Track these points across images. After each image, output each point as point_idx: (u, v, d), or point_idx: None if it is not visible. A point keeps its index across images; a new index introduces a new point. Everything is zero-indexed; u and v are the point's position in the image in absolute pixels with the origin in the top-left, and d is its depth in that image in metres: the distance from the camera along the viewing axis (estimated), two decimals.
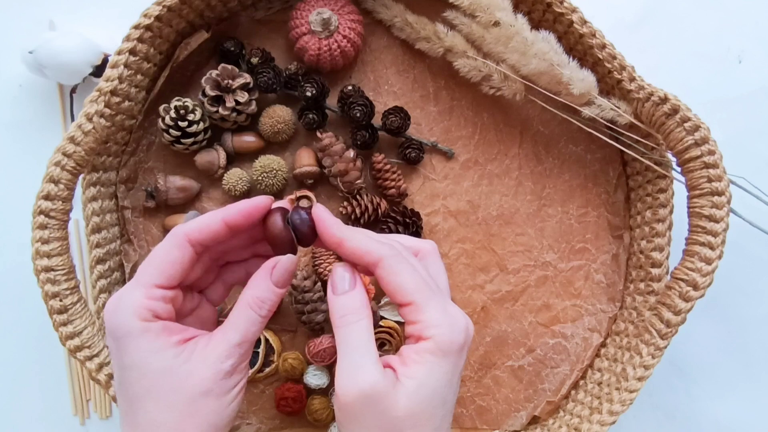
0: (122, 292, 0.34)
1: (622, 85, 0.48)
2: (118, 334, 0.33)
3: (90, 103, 0.46)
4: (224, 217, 0.35)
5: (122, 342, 0.33)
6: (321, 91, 0.51)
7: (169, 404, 0.33)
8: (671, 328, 0.47)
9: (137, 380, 0.33)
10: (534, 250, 0.56)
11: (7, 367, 0.59)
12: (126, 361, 0.33)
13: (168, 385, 0.33)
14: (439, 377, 0.33)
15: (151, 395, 0.33)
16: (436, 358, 0.33)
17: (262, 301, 0.35)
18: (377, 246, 0.35)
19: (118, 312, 0.33)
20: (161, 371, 0.33)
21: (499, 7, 0.49)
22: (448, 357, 0.33)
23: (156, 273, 0.34)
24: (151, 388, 0.33)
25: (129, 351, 0.33)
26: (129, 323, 0.33)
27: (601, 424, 0.49)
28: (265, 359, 0.53)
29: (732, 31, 0.60)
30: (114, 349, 0.34)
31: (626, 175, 0.56)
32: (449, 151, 0.55)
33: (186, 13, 0.50)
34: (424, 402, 0.33)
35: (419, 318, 0.34)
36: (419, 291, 0.34)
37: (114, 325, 0.33)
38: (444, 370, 0.33)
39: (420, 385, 0.33)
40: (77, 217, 0.52)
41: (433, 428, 0.33)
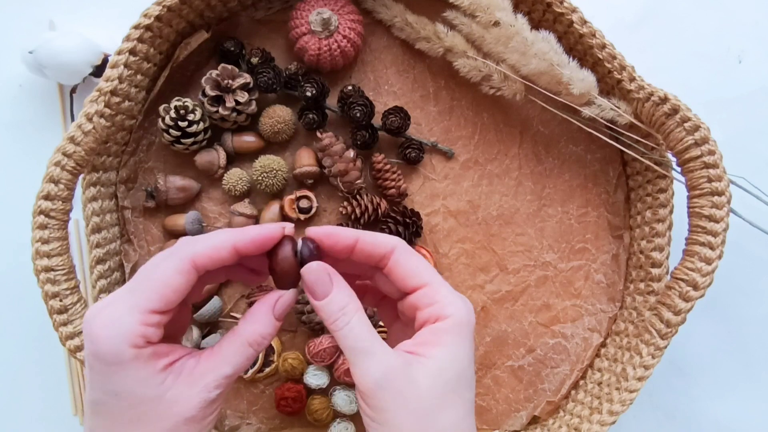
0: (115, 312, 0.31)
1: (622, 85, 0.48)
2: (109, 359, 0.31)
3: (90, 103, 0.46)
4: (235, 243, 0.33)
5: (111, 368, 0.31)
6: (321, 91, 0.51)
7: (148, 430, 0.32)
8: (671, 328, 0.47)
9: (124, 408, 0.32)
10: (534, 250, 0.56)
11: (7, 367, 0.59)
12: (113, 387, 0.32)
13: (153, 412, 0.32)
14: (462, 356, 0.33)
15: (134, 423, 0.32)
16: (455, 337, 0.33)
17: (263, 337, 0.34)
18: (389, 237, 0.35)
19: (111, 337, 0.31)
20: (148, 399, 0.32)
21: (499, 7, 0.49)
22: (466, 335, 0.34)
23: (156, 298, 0.32)
24: (137, 415, 0.32)
25: (117, 378, 0.31)
26: (122, 350, 0.31)
27: (601, 424, 0.49)
28: (265, 359, 0.53)
29: (732, 31, 0.60)
30: (98, 373, 0.32)
31: (626, 175, 0.56)
32: (449, 151, 0.55)
33: (186, 13, 0.50)
34: (450, 383, 0.33)
35: (436, 298, 0.34)
36: (433, 273, 0.35)
37: (105, 349, 0.31)
38: (464, 349, 0.34)
39: (442, 365, 0.33)
40: (77, 217, 0.52)
41: (465, 411, 0.33)
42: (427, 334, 0.34)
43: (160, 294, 0.32)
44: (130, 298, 0.32)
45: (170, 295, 0.32)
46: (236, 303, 0.54)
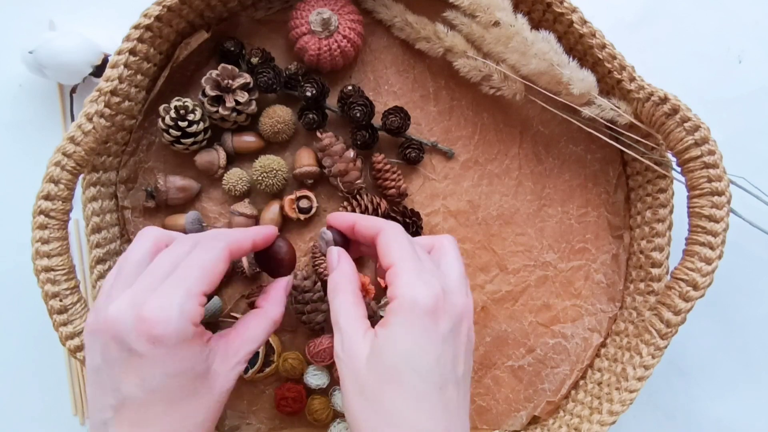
0: (170, 296, 0.34)
1: (622, 85, 0.48)
2: (173, 340, 0.33)
3: (90, 103, 0.46)
4: (254, 238, 0.40)
5: (175, 349, 0.33)
6: (321, 91, 0.51)
7: (205, 404, 0.36)
8: (671, 328, 0.47)
9: (182, 385, 0.35)
10: (534, 250, 0.56)
11: (7, 367, 0.59)
12: (175, 368, 0.34)
13: (203, 387, 0.36)
14: (404, 338, 0.34)
15: (188, 399, 0.35)
16: (401, 318, 0.35)
17: (281, 315, 0.42)
18: (381, 221, 0.40)
19: (174, 318, 0.33)
20: (202, 374, 0.36)
21: (499, 7, 0.49)
22: (413, 318, 0.34)
23: (207, 281, 0.35)
24: (192, 391, 0.35)
25: (180, 357, 0.34)
26: (187, 329, 0.34)
27: (601, 424, 0.49)
28: (265, 359, 0.53)
29: (732, 31, 0.60)
30: (157, 358, 0.33)
31: (626, 175, 0.56)
32: (449, 151, 0.55)
33: (186, 13, 0.50)
34: (387, 362, 0.34)
35: (394, 280, 0.36)
36: (403, 258, 0.37)
37: (170, 331, 0.33)
38: (408, 332, 0.34)
39: (383, 344, 0.35)
40: (77, 217, 0.52)
41: (411, 398, 0.34)
42: (386, 313, 0.36)
43: (209, 278, 0.36)
44: (179, 283, 0.34)
45: (215, 279, 0.36)
46: (236, 303, 0.54)
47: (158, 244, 0.38)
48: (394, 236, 0.38)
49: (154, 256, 0.37)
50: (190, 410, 0.36)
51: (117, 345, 0.34)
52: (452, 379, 0.35)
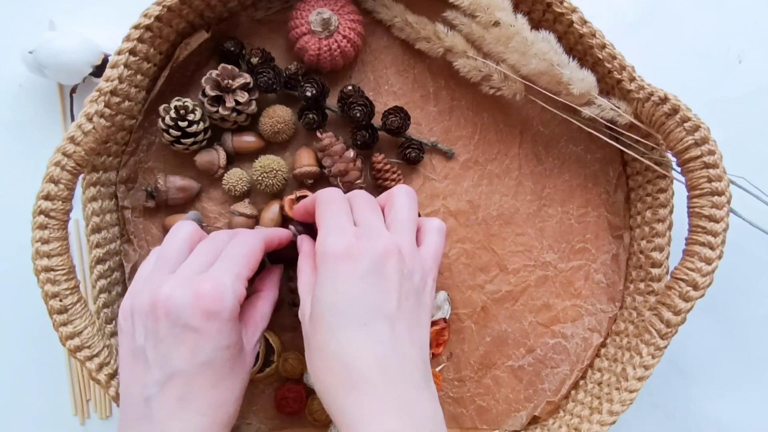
0: (222, 278, 0.38)
1: (622, 85, 0.48)
2: (226, 316, 0.37)
3: (90, 103, 0.46)
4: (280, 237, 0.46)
5: (228, 324, 0.37)
6: (321, 91, 0.51)
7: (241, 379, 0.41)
8: (671, 328, 0.47)
9: (231, 357, 0.39)
10: (534, 250, 0.56)
11: (7, 367, 0.59)
12: (226, 341, 0.38)
13: (241, 361, 0.40)
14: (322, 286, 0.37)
15: (234, 370, 0.39)
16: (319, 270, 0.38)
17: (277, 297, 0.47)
18: (316, 193, 0.43)
19: (229, 296, 0.37)
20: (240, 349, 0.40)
21: (499, 7, 0.49)
22: (326, 266, 0.37)
23: (251, 267, 0.40)
24: (236, 363, 0.40)
25: (231, 331, 0.38)
26: (236, 307, 0.38)
27: (601, 424, 0.49)
28: (265, 359, 0.53)
29: (732, 31, 0.60)
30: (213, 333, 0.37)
31: (626, 175, 0.56)
32: (449, 151, 0.55)
33: (186, 13, 0.50)
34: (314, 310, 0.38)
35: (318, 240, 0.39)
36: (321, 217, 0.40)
37: (227, 306, 0.37)
38: (324, 279, 0.37)
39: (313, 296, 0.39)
40: (77, 217, 0.52)
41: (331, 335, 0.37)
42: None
43: (252, 264, 0.41)
44: (228, 266, 0.39)
45: (255, 265, 0.41)
46: None
47: (194, 237, 0.43)
48: (321, 200, 0.42)
49: (191, 246, 0.42)
50: (230, 384, 0.39)
51: (170, 322, 0.37)
52: (381, 314, 0.37)
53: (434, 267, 0.42)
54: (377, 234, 0.38)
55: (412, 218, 0.42)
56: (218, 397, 0.38)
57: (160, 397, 0.37)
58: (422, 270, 0.40)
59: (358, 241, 0.38)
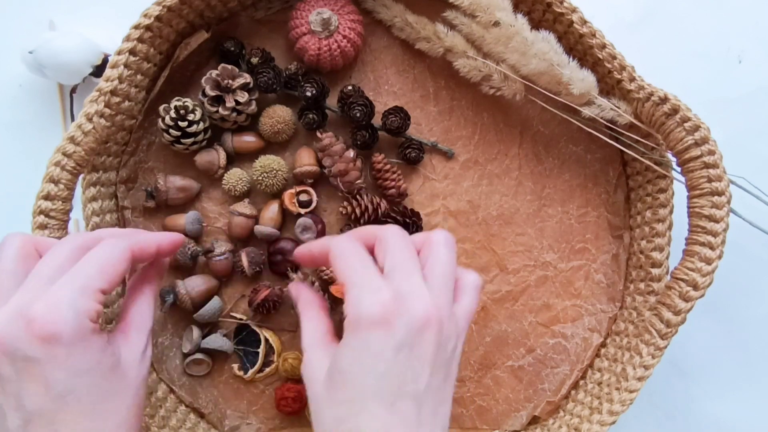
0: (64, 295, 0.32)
1: (622, 85, 0.48)
2: (72, 338, 0.32)
3: (90, 103, 0.46)
4: (159, 243, 0.40)
5: (76, 347, 0.32)
6: (321, 91, 0.51)
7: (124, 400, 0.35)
8: (671, 328, 0.47)
9: (94, 385, 0.33)
10: (534, 250, 0.56)
11: None
12: (81, 366, 0.32)
13: (119, 383, 0.35)
14: (349, 354, 0.33)
15: (107, 399, 0.34)
16: (348, 334, 0.34)
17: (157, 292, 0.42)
18: (326, 240, 0.39)
19: (71, 316, 0.32)
20: (112, 368, 0.35)
21: (499, 7, 0.49)
22: (358, 332, 0.33)
23: (106, 279, 0.34)
24: (107, 390, 0.34)
25: (84, 354, 0.33)
26: (85, 325, 0.32)
27: (601, 424, 0.49)
28: (265, 359, 0.53)
29: (732, 31, 0.60)
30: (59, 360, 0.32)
31: (626, 175, 0.56)
32: (449, 151, 0.55)
33: (186, 13, 0.50)
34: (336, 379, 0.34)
35: (345, 297, 0.35)
36: (349, 273, 0.35)
37: (68, 329, 0.31)
38: (354, 347, 0.33)
39: (335, 360, 0.34)
40: (77, 217, 0.52)
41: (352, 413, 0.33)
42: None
43: (108, 275, 0.34)
44: (72, 280, 0.33)
45: (115, 277, 0.35)
46: (236, 303, 0.54)
47: (26, 252, 0.36)
48: (339, 253, 0.37)
49: (26, 265, 0.35)
50: (109, 409, 0.34)
51: (8, 358, 0.31)
52: (409, 393, 0.33)
53: (467, 328, 0.38)
54: (417, 295, 0.33)
55: (453, 273, 0.37)
56: (97, 426, 0.33)
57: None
58: (456, 335, 0.36)
59: (395, 303, 0.33)
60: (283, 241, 0.53)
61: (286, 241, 0.53)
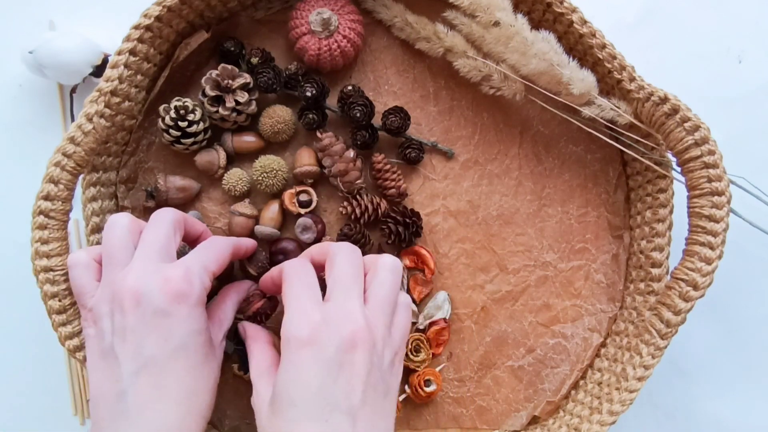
0: (191, 267, 0.38)
1: (622, 85, 0.48)
2: (195, 301, 0.37)
3: (90, 103, 0.46)
4: (248, 248, 0.49)
5: (197, 309, 0.38)
6: (321, 91, 0.51)
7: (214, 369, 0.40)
8: (671, 328, 0.47)
9: (203, 343, 0.39)
10: (534, 250, 0.56)
11: (7, 367, 0.59)
12: (197, 326, 0.38)
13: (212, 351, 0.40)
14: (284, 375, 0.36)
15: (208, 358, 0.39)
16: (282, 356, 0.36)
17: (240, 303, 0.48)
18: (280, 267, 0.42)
19: (197, 283, 0.38)
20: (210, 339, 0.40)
21: (499, 7, 0.49)
22: (289, 353, 0.36)
23: (217, 264, 0.41)
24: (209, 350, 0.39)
25: (198, 316, 0.38)
26: (202, 293, 0.39)
27: (601, 424, 0.49)
28: None
29: (732, 31, 0.60)
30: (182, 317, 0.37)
31: (626, 175, 0.56)
32: (449, 151, 0.55)
33: (186, 13, 0.50)
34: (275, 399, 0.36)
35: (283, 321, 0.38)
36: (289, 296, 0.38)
37: (195, 291, 0.37)
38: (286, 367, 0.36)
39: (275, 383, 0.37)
40: (77, 217, 0.52)
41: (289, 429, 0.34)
42: None
43: (220, 261, 0.41)
44: (197, 257, 0.40)
45: (222, 265, 0.42)
46: None
47: (132, 228, 0.41)
48: (287, 276, 0.40)
49: (134, 238, 0.41)
50: (204, 373, 0.38)
51: (139, 310, 0.36)
52: (343, 409, 0.34)
53: (403, 345, 0.40)
54: (348, 317, 0.36)
55: (394, 297, 0.40)
56: (193, 385, 0.37)
57: (135, 389, 0.36)
58: (392, 351, 0.38)
59: (324, 324, 0.35)
60: (284, 241, 0.53)
61: (288, 241, 0.53)
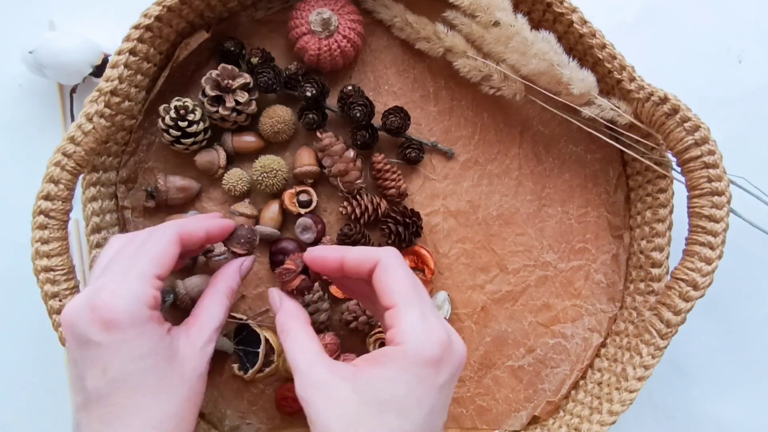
0: (122, 282, 0.34)
1: (622, 85, 0.48)
2: (128, 324, 0.33)
3: (90, 103, 0.46)
4: (208, 227, 0.41)
5: (131, 333, 0.33)
6: (321, 91, 0.51)
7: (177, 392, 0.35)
8: (671, 328, 0.47)
9: (148, 372, 0.34)
10: (534, 250, 0.56)
11: (7, 367, 0.59)
12: (136, 353, 0.33)
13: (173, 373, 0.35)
14: (399, 385, 0.32)
15: (159, 389, 0.34)
16: (398, 365, 0.32)
17: (233, 290, 0.42)
18: (373, 252, 0.37)
19: (129, 303, 0.33)
20: (168, 358, 0.35)
21: (499, 7, 0.49)
22: (412, 368, 0.32)
23: (158, 264, 0.36)
24: (161, 378, 0.34)
25: (140, 341, 0.33)
26: (142, 311, 0.34)
27: (601, 424, 0.49)
28: (265, 359, 0.53)
29: (732, 31, 0.60)
30: (115, 346, 0.33)
31: (626, 175, 0.56)
32: (449, 151, 0.55)
33: (186, 13, 0.50)
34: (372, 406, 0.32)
35: (396, 323, 0.34)
36: (406, 294, 0.34)
37: (125, 315, 0.33)
38: (405, 379, 0.32)
39: (371, 387, 0.32)
40: (77, 217, 0.52)
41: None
42: (376, 353, 0.34)
43: (160, 261, 0.36)
44: (129, 269, 0.35)
45: (167, 262, 0.37)
46: (236, 303, 0.54)
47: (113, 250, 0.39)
48: (394, 271, 0.35)
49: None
50: (160, 400, 0.34)
51: (76, 341, 0.34)
52: (437, 428, 0.33)
53: None
54: (457, 337, 0.34)
55: None
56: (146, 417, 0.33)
57: (86, 422, 0.33)
58: None
59: (448, 344, 0.33)
60: (285, 241, 0.53)
61: (288, 241, 0.53)
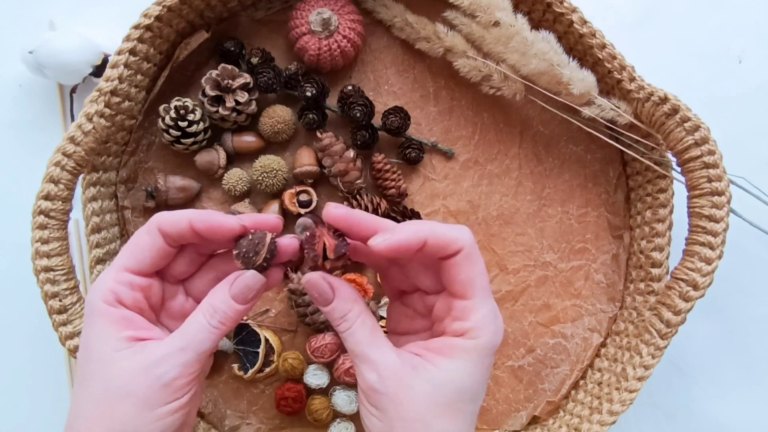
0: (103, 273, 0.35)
1: (622, 85, 0.48)
2: (87, 311, 0.34)
3: (90, 103, 0.46)
4: (191, 219, 0.34)
5: (88, 320, 0.34)
6: (321, 91, 0.51)
7: (92, 395, 0.32)
8: (671, 328, 0.47)
9: (83, 360, 0.34)
10: (534, 250, 0.56)
11: (7, 367, 0.59)
12: (84, 340, 0.34)
13: (98, 375, 0.32)
14: (474, 374, 0.33)
15: (84, 379, 0.33)
16: (473, 356, 0.33)
17: (214, 310, 0.34)
18: (456, 232, 0.33)
19: (93, 291, 0.34)
20: (98, 359, 0.33)
21: (499, 7, 0.49)
22: (485, 357, 0.34)
23: (128, 255, 0.34)
24: (87, 373, 0.33)
25: (87, 330, 0.34)
26: (94, 303, 0.33)
27: (601, 424, 0.49)
28: (265, 359, 0.53)
29: (732, 31, 0.60)
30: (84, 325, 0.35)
31: (626, 175, 0.56)
32: (449, 151, 0.55)
33: (186, 13, 0.50)
34: (452, 395, 0.33)
35: (471, 317, 0.33)
36: (482, 289, 0.34)
37: (87, 300, 0.34)
38: (479, 370, 0.34)
39: (448, 377, 0.33)
40: (77, 217, 0.52)
41: (462, 423, 0.33)
42: (444, 343, 0.34)
43: (131, 252, 0.34)
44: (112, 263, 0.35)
45: (138, 253, 0.34)
46: None
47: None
48: (476, 261, 0.33)
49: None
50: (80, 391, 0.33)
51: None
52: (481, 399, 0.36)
53: None
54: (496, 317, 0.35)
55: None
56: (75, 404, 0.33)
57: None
58: None
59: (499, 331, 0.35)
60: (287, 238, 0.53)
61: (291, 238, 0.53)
